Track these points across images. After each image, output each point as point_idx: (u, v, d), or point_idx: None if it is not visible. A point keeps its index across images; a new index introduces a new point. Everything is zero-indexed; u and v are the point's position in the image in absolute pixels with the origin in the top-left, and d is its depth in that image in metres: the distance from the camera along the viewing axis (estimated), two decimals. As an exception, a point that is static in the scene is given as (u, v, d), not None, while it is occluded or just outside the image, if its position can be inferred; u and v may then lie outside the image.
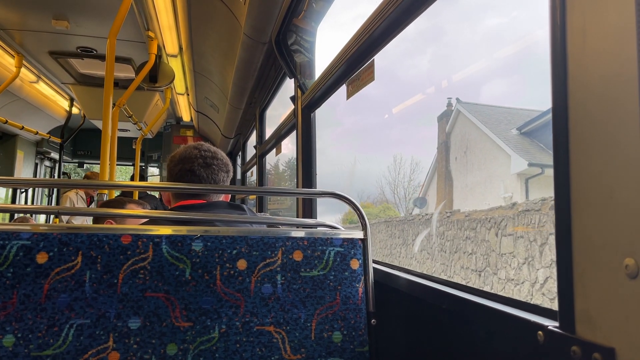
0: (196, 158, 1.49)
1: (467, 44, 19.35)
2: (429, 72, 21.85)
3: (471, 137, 12.35)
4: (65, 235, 1.03)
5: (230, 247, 1.12)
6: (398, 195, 17.71)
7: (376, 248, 12.37)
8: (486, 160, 11.62)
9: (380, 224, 12.70)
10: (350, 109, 24.66)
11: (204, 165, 1.49)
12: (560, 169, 0.66)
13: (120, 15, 2.60)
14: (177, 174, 1.49)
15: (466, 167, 12.44)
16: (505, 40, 18.73)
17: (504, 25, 19.20)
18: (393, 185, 17.79)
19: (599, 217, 0.60)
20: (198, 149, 1.52)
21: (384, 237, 12.19)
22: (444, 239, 9.29)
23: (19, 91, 4.95)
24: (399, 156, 17.90)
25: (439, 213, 9.92)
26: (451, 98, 13.42)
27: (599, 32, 0.60)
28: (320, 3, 2.19)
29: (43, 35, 3.63)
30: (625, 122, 0.56)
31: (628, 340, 0.56)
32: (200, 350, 1.06)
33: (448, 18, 17.82)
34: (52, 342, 0.99)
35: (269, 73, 3.16)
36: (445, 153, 13.48)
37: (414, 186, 17.13)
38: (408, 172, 17.75)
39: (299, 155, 2.32)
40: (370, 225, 1.23)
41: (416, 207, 14.95)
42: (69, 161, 8.21)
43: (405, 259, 10.93)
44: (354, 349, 1.16)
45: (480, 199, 11.22)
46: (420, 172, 16.97)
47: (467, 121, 12.57)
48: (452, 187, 12.86)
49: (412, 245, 10.77)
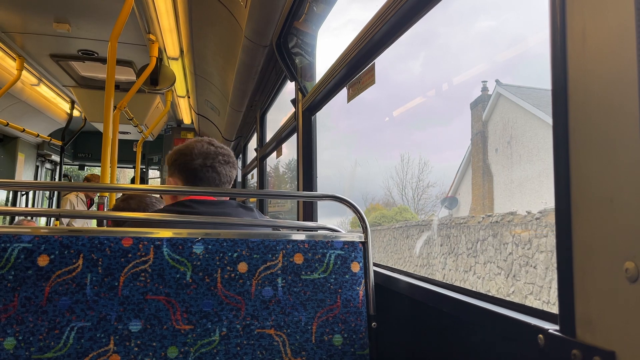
0: (216, 155, 1.49)
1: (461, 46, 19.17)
2: (422, 75, 21.71)
3: (517, 124, 10.24)
4: (66, 237, 1.04)
5: (231, 250, 1.12)
6: (406, 196, 16.61)
7: (407, 258, 10.92)
8: (540, 150, 9.43)
9: (411, 228, 11.08)
10: (345, 112, 24.61)
11: (224, 163, 1.50)
12: (561, 173, 0.66)
13: (122, 18, 2.60)
14: (197, 168, 1.46)
15: (511, 159, 10.30)
16: (499, 43, 18.55)
17: (496, 27, 19.09)
18: (401, 186, 16.62)
19: (599, 221, 0.60)
20: (213, 145, 1.52)
21: (412, 244, 10.63)
22: (527, 247, 6.82)
23: (20, 94, 4.96)
24: (406, 155, 16.76)
25: (497, 216, 7.87)
26: (486, 81, 11.50)
27: (598, 34, 0.60)
28: (321, 6, 2.19)
29: (44, 38, 3.64)
30: (626, 125, 0.56)
31: (628, 343, 0.56)
32: (201, 353, 1.06)
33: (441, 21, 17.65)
34: (53, 344, 0.99)
35: (270, 76, 3.17)
36: (481, 144, 11.41)
37: (423, 187, 16.02)
38: (416, 172, 16.53)
39: (300, 158, 2.32)
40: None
41: (445, 208, 12.75)
42: (70, 164, 8.22)
43: (477, 279, 8.18)
44: (355, 352, 1.15)
45: (533, 196, 9.15)
46: (429, 172, 16.12)
47: (512, 106, 10.45)
48: (491, 184, 10.83)
49: (468, 256, 8.50)
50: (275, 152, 3.51)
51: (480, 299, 0.98)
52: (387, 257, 12.12)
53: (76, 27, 3.41)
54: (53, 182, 3.53)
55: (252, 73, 3.05)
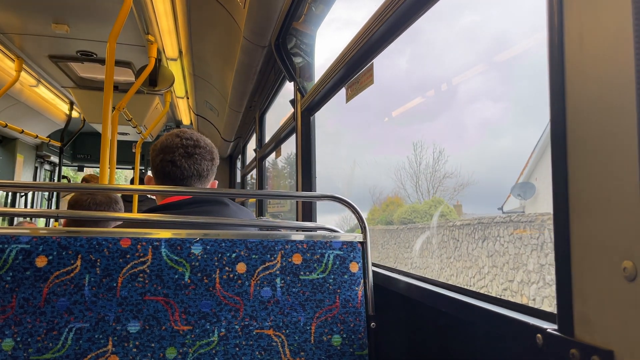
0: (177, 147, 1.42)
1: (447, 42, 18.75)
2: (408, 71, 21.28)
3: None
4: (64, 238, 1.04)
5: (230, 250, 1.12)
6: (420, 189, 14.95)
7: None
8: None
9: (490, 226, 7.31)
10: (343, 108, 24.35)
11: (185, 155, 1.42)
12: (559, 172, 0.67)
13: (120, 19, 2.60)
14: (159, 164, 1.43)
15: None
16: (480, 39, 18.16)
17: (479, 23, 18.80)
18: (414, 177, 15.02)
19: (597, 220, 0.60)
20: (180, 136, 1.45)
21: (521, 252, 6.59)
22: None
23: (18, 95, 4.95)
24: (419, 144, 15.14)
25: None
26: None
27: (596, 35, 0.60)
28: (319, 7, 2.19)
29: (43, 39, 3.64)
30: (623, 125, 0.56)
31: (626, 342, 0.56)
32: (199, 353, 1.06)
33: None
34: (51, 346, 0.99)
35: (269, 76, 3.17)
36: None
37: (439, 178, 14.42)
38: (431, 162, 14.84)
39: (299, 158, 2.32)
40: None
41: (517, 198, 9.68)
42: (69, 165, 8.21)
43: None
44: (354, 353, 1.15)
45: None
46: (445, 161, 14.47)
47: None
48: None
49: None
50: (275, 153, 3.51)
51: (478, 298, 0.98)
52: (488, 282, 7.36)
53: (75, 28, 3.41)
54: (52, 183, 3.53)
55: (251, 74, 3.05)
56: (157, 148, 1.46)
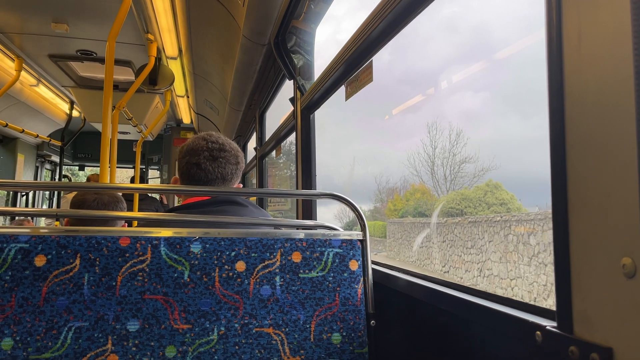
0: (202, 150, 1.45)
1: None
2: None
3: None
4: (63, 237, 1.03)
5: (229, 248, 1.12)
6: (436, 176, 13.34)
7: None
8: None
9: None
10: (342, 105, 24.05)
11: (210, 158, 1.45)
12: (557, 170, 0.66)
13: (120, 18, 2.60)
14: (184, 166, 1.47)
15: None
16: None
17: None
18: (430, 163, 13.45)
19: (596, 217, 0.60)
20: (206, 139, 1.49)
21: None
22: None
23: (19, 94, 4.95)
24: (434, 126, 13.59)
25: None
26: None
27: (594, 34, 0.60)
28: (319, 5, 2.19)
29: (43, 39, 3.64)
30: (621, 123, 0.56)
31: (626, 339, 0.56)
32: (199, 352, 1.06)
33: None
34: (51, 345, 0.99)
35: (269, 75, 3.17)
36: None
37: (457, 162, 12.86)
38: (447, 145, 13.05)
39: (299, 156, 2.32)
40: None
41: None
42: (70, 164, 8.22)
43: None
44: (353, 351, 1.15)
45: None
46: (465, 143, 12.83)
47: None
48: None
49: None
50: (275, 151, 3.50)
51: (478, 296, 0.98)
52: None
53: (74, 27, 3.40)
54: (52, 182, 3.53)
55: (251, 72, 3.05)
56: (184, 150, 1.49)
